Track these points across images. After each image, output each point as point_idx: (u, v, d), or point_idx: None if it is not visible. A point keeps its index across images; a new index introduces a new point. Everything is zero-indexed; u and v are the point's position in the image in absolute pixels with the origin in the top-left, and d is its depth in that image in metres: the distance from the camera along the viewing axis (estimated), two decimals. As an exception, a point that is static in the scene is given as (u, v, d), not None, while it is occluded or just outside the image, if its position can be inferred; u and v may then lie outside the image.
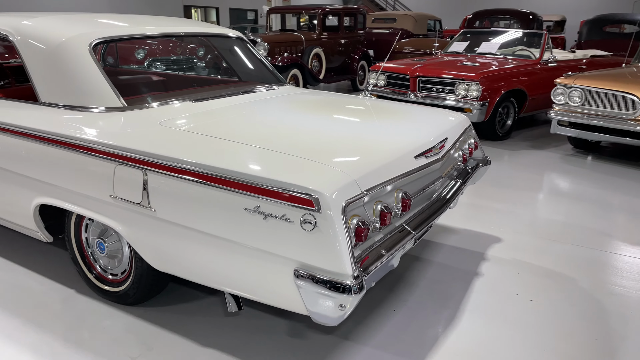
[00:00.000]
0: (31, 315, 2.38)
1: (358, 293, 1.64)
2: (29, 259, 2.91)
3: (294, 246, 1.70)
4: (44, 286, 2.63)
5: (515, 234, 3.46)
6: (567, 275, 2.90)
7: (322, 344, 2.23)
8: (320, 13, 9.09)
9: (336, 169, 1.80)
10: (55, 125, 2.27)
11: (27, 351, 2.13)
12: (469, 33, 7.63)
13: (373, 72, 6.74)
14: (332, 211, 1.64)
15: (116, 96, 2.35)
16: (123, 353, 2.14)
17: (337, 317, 1.69)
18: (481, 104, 5.72)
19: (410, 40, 10.42)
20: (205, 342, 2.21)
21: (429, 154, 2.28)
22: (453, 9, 22.10)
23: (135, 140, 2.07)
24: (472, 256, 3.10)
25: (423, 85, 6.16)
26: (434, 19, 13.02)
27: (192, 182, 1.87)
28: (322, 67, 8.98)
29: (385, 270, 1.96)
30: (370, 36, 11.52)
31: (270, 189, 1.71)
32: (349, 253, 1.65)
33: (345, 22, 10.04)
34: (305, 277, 1.67)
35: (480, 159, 3.11)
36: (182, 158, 1.90)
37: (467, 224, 3.60)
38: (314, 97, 3.07)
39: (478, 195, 4.25)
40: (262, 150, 1.93)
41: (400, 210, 2.01)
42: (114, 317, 2.39)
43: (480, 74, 5.74)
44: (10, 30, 2.52)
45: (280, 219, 1.71)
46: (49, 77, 2.40)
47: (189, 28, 3.06)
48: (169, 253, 2.05)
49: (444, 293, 2.67)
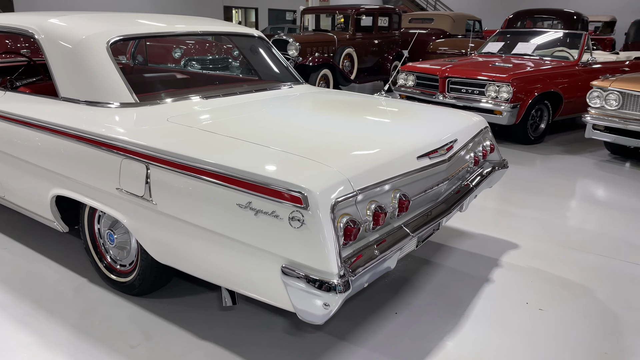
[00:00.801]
0: (43, 302, 2.48)
1: (343, 293, 1.62)
2: (48, 247, 3.03)
3: (282, 243, 1.71)
4: (59, 274, 2.74)
5: (535, 241, 3.35)
6: (584, 286, 2.78)
7: (317, 342, 2.22)
8: (353, 13, 9.06)
9: (329, 167, 1.79)
10: (70, 119, 2.36)
11: (33, 336, 2.22)
12: (505, 33, 7.43)
13: (402, 72, 6.66)
14: (320, 209, 1.64)
15: (129, 92, 2.42)
16: (124, 342, 2.20)
17: (322, 315, 1.68)
18: (512, 107, 5.56)
19: (445, 41, 10.24)
20: (203, 335, 2.25)
21: (433, 155, 2.23)
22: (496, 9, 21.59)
23: (140, 135, 2.13)
24: (485, 262, 3.02)
25: (452, 87, 6.04)
26: (473, 19, 12.73)
27: (189, 177, 1.90)
28: (353, 67, 8.95)
29: (378, 271, 1.93)
30: (406, 36, 11.39)
31: (261, 185, 1.72)
32: (335, 252, 1.64)
33: (380, 22, 9.98)
34: (292, 274, 1.67)
35: (496, 162, 3.02)
36: (180, 153, 1.93)
37: (485, 229, 3.50)
38: (327, 96, 3.06)
39: (502, 199, 4.13)
40: (258, 146, 1.95)
41: (397, 211, 1.98)
42: (120, 306, 2.46)
43: (512, 75, 5.58)
44: (36, 28, 2.64)
45: (270, 216, 1.71)
46: (68, 73, 2.50)
47: (208, 27, 3.11)
48: (168, 246, 2.09)
49: (450, 298, 2.61)
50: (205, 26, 3.15)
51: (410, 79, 6.57)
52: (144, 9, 14.48)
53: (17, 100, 2.70)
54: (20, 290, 2.57)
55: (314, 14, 10.42)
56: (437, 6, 23.87)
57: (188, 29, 2.99)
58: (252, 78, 3.68)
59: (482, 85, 5.76)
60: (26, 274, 2.73)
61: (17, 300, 2.48)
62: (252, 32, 3.47)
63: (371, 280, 1.94)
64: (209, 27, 3.17)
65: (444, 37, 11.29)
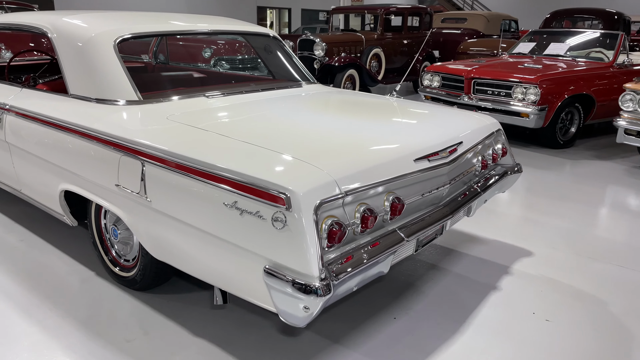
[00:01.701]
0: (50, 293, 2.55)
1: (323, 296, 1.60)
2: (62, 240, 3.12)
3: (265, 244, 1.70)
4: (68, 267, 2.81)
5: (551, 249, 3.22)
6: (597, 298, 2.66)
7: (310, 344, 2.20)
8: (382, 13, 8.97)
9: (317, 168, 1.77)
10: (75, 115, 2.42)
11: (36, 326, 2.28)
12: (538, 33, 7.21)
13: (427, 73, 6.55)
14: (302, 210, 1.61)
15: (133, 90, 2.45)
16: (121, 335, 2.24)
17: (303, 317, 1.66)
18: (539, 109, 5.38)
19: (477, 41, 10.01)
20: (198, 332, 2.26)
21: (433, 157, 2.17)
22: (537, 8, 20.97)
23: (137, 132, 2.16)
24: (495, 269, 2.93)
25: (478, 88, 5.90)
26: (509, 19, 12.40)
27: (180, 175, 1.91)
28: (381, 67, 8.87)
29: (369, 275, 1.90)
30: (438, 36, 11.22)
31: (246, 185, 1.72)
32: (316, 254, 1.62)
33: (410, 22, 9.85)
34: (274, 276, 1.66)
35: (509, 166, 2.92)
36: (172, 150, 1.95)
37: (500, 235, 3.40)
38: (334, 96, 3.03)
39: (523, 205, 4.00)
40: (250, 146, 1.94)
41: (389, 214, 1.94)
42: (123, 300, 2.50)
43: (540, 77, 5.40)
44: (49, 26, 2.72)
45: (254, 216, 1.70)
46: (77, 70, 2.56)
47: (221, 26, 3.13)
48: (163, 242, 2.12)
49: (453, 305, 2.54)
50: (218, 25, 3.17)
51: (435, 79, 6.45)
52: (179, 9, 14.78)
53: (31, 97, 2.79)
54: (29, 281, 2.65)
55: (343, 13, 10.38)
56: (475, 5, 23.41)
57: (199, 28, 3.02)
58: (266, 77, 3.69)
59: (509, 87, 5.60)
60: (37, 266, 2.81)
61: (25, 291, 2.56)
62: (266, 32, 3.47)
63: (362, 284, 1.91)
64: (222, 26, 3.19)
65: (477, 37, 11.05)
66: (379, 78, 8.82)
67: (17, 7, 9.05)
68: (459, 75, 6.04)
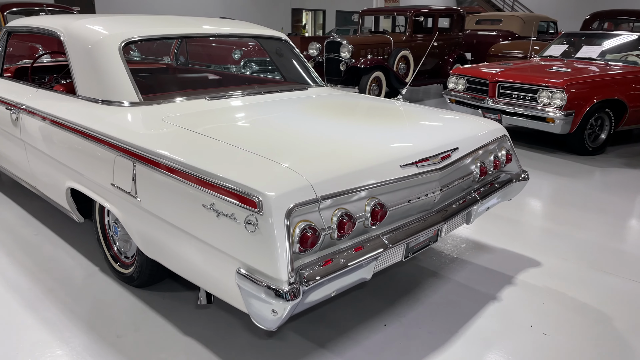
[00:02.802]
0: (54, 286, 2.65)
1: (290, 301, 1.60)
2: (73, 235, 3.23)
3: (238, 246, 1.71)
4: (75, 261, 2.91)
5: (561, 260, 3.11)
6: (602, 312, 2.54)
7: (295, 347, 2.20)
8: (411, 14, 8.88)
9: (294, 172, 1.77)
10: (79, 116, 2.51)
11: (35, 318, 2.38)
12: (571, 35, 6.96)
13: (452, 76, 6.44)
14: (273, 214, 1.62)
15: (135, 92, 2.52)
16: (112, 330, 2.30)
17: (272, 320, 1.66)
18: (566, 114, 5.20)
19: (509, 43, 9.74)
20: (187, 331, 2.30)
21: (423, 163, 2.13)
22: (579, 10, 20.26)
23: (131, 133, 2.21)
24: (498, 279, 2.85)
25: (503, 92, 5.75)
26: (547, 20, 12.04)
27: (165, 175, 1.95)
28: (409, 69, 8.77)
29: (350, 280, 1.88)
30: (472, 38, 10.99)
31: (222, 187, 1.74)
32: (286, 258, 1.62)
33: (442, 23, 9.70)
34: (245, 278, 1.67)
35: (515, 174, 2.84)
36: (158, 151, 2.00)
37: (510, 244, 3.30)
38: (336, 99, 3.02)
39: (540, 213, 3.88)
40: (233, 149, 1.96)
41: (370, 220, 1.91)
42: (120, 296, 2.57)
43: (567, 81, 5.21)
44: (62, 29, 2.83)
45: (229, 218, 1.72)
46: (84, 72, 2.65)
47: (228, 29, 3.18)
48: (152, 241, 2.16)
49: (448, 314, 2.49)
50: (227, 28, 3.21)
51: (460, 83, 6.33)
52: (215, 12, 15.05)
53: (44, 97, 2.91)
54: (37, 274, 2.76)
55: (373, 15, 10.32)
56: (515, 6, 22.82)
57: (207, 31, 3.07)
58: (277, 79, 3.72)
59: (535, 91, 5.43)
60: (47, 260, 2.93)
61: (31, 284, 2.67)
62: (277, 35, 3.50)
63: (342, 290, 1.90)
64: (231, 30, 3.24)
65: (513, 39, 10.77)
66: (406, 80, 8.73)
67: (58, 10, 9.44)
68: (484, 78, 5.90)
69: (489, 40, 10.59)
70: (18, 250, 3.03)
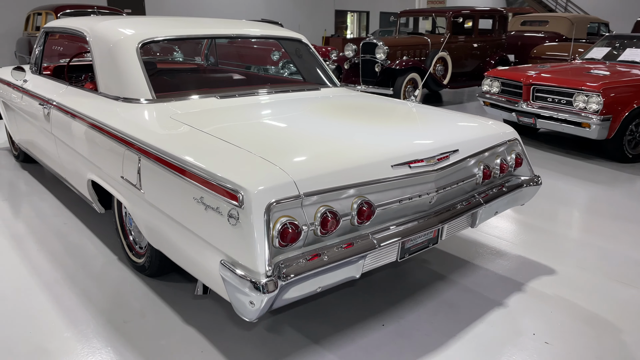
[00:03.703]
0: (74, 272, 2.81)
1: (267, 293, 1.64)
2: (98, 225, 3.41)
3: (222, 238, 1.78)
4: (96, 250, 3.08)
5: (577, 269, 3.00)
6: (612, 324, 2.44)
7: (290, 342, 2.24)
8: (450, 15, 8.74)
9: (279, 168, 1.81)
10: (97, 111, 2.66)
11: (51, 301, 2.53)
12: (614, 38, 6.66)
13: (487, 78, 6.30)
14: (253, 208, 1.67)
15: (149, 90, 2.64)
16: (120, 316, 2.42)
17: (251, 312, 1.71)
18: (602, 119, 4.99)
19: (553, 45, 9.41)
20: (189, 320, 2.39)
21: (416, 164, 2.12)
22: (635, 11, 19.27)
23: (138, 129, 2.33)
24: (507, 285, 2.79)
25: (538, 95, 5.58)
26: (598, 22, 11.55)
27: (164, 169, 2.05)
28: (447, 71, 8.63)
29: (333, 277, 1.90)
30: (516, 39, 10.70)
31: (210, 182, 1.80)
32: (264, 252, 1.67)
33: (484, 24, 9.50)
34: (227, 269, 1.73)
35: (526, 178, 2.77)
36: (158, 146, 2.09)
37: (526, 251, 3.22)
38: (346, 100, 3.04)
39: (566, 221, 3.75)
40: (228, 145, 2.02)
41: (356, 218, 1.93)
42: (133, 284, 2.70)
43: (604, 85, 5.00)
44: (88, 30, 3.00)
45: (215, 211, 1.79)
46: (106, 70, 2.80)
47: (244, 31, 3.26)
48: (155, 232, 2.27)
49: (449, 317, 2.46)
50: (246, 30, 3.30)
51: (495, 85, 6.19)
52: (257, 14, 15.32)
53: (72, 94, 3.09)
54: (60, 260, 2.94)
55: (411, 16, 10.23)
56: (568, 7, 21.98)
57: (223, 32, 3.16)
58: (296, 80, 3.78)
59: (570, 95, 5.24)
60: (71, 247, 3.10)
61: (53, 269, 2.84)
62: (297, 37, 3.56)
63: (329, 287, 1.93)
64: (250, 31, 3.33)
65: (560, 41, 10.39)
66: (444, 82, 8.61)
67: (108, 12, 9.90)
68: (517, 80, 5.75)
69: (534, 42, 10.27)
70: (47, 238, 3.22)
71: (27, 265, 2.86)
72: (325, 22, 18.59)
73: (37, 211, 3.65)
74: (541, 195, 4.26)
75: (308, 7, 17.82)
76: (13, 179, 4.36)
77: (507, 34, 10.28)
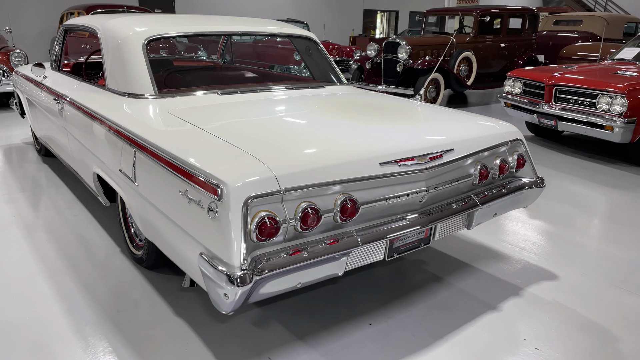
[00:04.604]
0: (77, 262, 2.90)
1: (240, 286, 1.66)
2: (107, 218, 3.51)
3: (202, 231, 1.81)
4: (102, 241, 3.17)
5: (581, 275, 2.91)
6: (610, 332, 2.36)
7: (275, 337, 2.26)
8: (477, 14, 8.58)
9: (262, 163, 1.82)
10: (100, 106, 2.74)
11: (53, 289, 2.62)
12: (646, 37, 6.41)
13: (509, 78, 6.17)
14: (231, 202, 1.69)
15: (152, 86, 2.71)
16: (115, 305, 2.49)
17: (226, 304, 1.73)
18: (626, 122, 4.81)
19: (583, 45, 9.11)
20: (179, 312, 2.43)
21: (405, 162, 2.10)
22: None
23: (136, 123, 2.38)
24: (505, 289, 2.73)
25: (560, 96, 5.43)
26: (635, 22, 11.13)
27: (155, 162, 2.09)
28: (471, 72, 8.49)
29: (314, 274, 1.91)
30: (547, 39, 10.42)
31: (193, 175, 1.84)
32: (240, 245, 1.69)
33: (512, 24, 9.29)
34: (205, 261, 1.76)
35: (529, 180, 2.70)
36: (150, 140, 2.14)
37: (529, 255, 3.14)
38: (350, 97, 3.04)
39: (578, 226, 3.64)
40: (216, 139, 2.05)
41: (340, 215, 1.93)
42: (132, 275, 2.77)
43: (629, 86, 4.82)
44: (99, 27, 3.10)
45: (197, 204, 1.82)
46: (114, 66, 2.88)
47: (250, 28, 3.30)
48: (148, 224, 2.32)
49: (438, 319, 2.43)
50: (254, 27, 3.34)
51: (517, 86, 6.05)
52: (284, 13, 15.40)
53: (83, 89, 3.19)
54: (66, 250, 3.04)
55: (437, 15, 10.09)
56: (608, 7, 21.24)
57: (230, 29, 3.20)
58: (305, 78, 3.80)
59: (594, 96, 5.08)
60: (78, 238, 3.21)
61: (58, 259, 2.94)
62: (305, 34, 3.57)
63: (310, 283, 1.93)
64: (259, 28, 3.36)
65: (594, 41, 10.07)
66: (468, 83, 8.47)
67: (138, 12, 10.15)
68: (539, 81, 5.61)
69: (566, 42, 9.98)
70: (57, 228, 3.34)
71: (35, 254, 2.98)
72: (354, 22, 18.54)
73: (51, 203, 3.79)
74: (556, 199, 4.15)
75: (337, 6, 17.81)
76: (34, 172, 4.54)
77: (538, 33, 10.03)
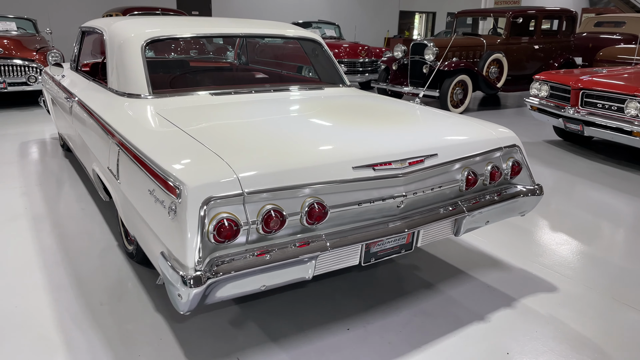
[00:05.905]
0: (74, 255, 2.99)
1: (192, 288, 1.66)
2: (111, 212, 3.60)
3: (163, 230, 1.82)
4: (102, 235, 3.25)
5: (583, 287, 2.76)
6: (603, 350, 2.23)
7: (248, 337, 2.25)
8: (510, 16, 8.33)
9: (226, 165, 1.82)
10: (97, 105, 2.81)
11: (45, 280, 2.71)
12: (687, 39, 6.04)
13: (536, 81, 5.95)
14: (188, 202, 1.69)
15: (147, 87, 2.76)
16: (98, 298, 2.54)
17: (181, 304, 1.73)
18: (656, 128, 4.55)
19: (622, 47, 8.68)
20: (160, 308, 2.46)
21: (381, 167, 2.05)
22: None
23: (122, 122, 2.43)
24: (497, 299, 2.62)
25: (587, 100, 5.19)
26: (684, 23, 10.52)
27: (132, 161, 2.13)
28: (501, 74, 8.24)
29: (279, 277, 1.89)
30: (587, 41, 10.02)
31: (159, 175, 1.85)
32: (194, 247, 1.68)
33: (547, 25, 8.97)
34: (164, 260, 1.77)
35: (526, 188, 2.59)
36: (128, 138, 2.18)
37: (530, 264, 3.01)
38: (345, 100, 3.00)
39: (589, 235, 3.46)
40: (191, 140, 2.06)
41: (306, 219, 1.90)
42: (122, 270, 2.82)
43: (660, 90, 4.56)
44: (105, 28, 3.18)
45: (161, 204, 1.83)
46: (115, 66, 2.95)
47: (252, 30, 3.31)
48: (129, 220, 2.36)
49: (419, 328, 2.36)
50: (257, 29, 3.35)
51: (543, 89, 5.83)
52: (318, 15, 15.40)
53: (90, 89, 3.28)
54: (66, 243, 3.14)
55: (469, 17, 9.86)
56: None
57: (232, 31, 3.22)
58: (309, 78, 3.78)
59: (622, 101, 4.83)
60: (79, 231, 3.31)
61: (57, 250, 3.03)
62: (310, 36, 3.56)
63: (274, 286, 1.91)
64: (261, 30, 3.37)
65: (636, 43, 9.59)
66: (498, 85, 8.23)
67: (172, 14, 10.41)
68: (566, 84, 5.38)
69: (606, 44, 9.57)
70: (63, 220, 3.46)
71: (36, 245, 3.09)
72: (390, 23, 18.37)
73: (63, 196, 3.92)
74: (574, 208, 3.97)
75: (373, 8, 17.70)
76: (54, 166, 4.71)
77: (577, 35, 9.65)
